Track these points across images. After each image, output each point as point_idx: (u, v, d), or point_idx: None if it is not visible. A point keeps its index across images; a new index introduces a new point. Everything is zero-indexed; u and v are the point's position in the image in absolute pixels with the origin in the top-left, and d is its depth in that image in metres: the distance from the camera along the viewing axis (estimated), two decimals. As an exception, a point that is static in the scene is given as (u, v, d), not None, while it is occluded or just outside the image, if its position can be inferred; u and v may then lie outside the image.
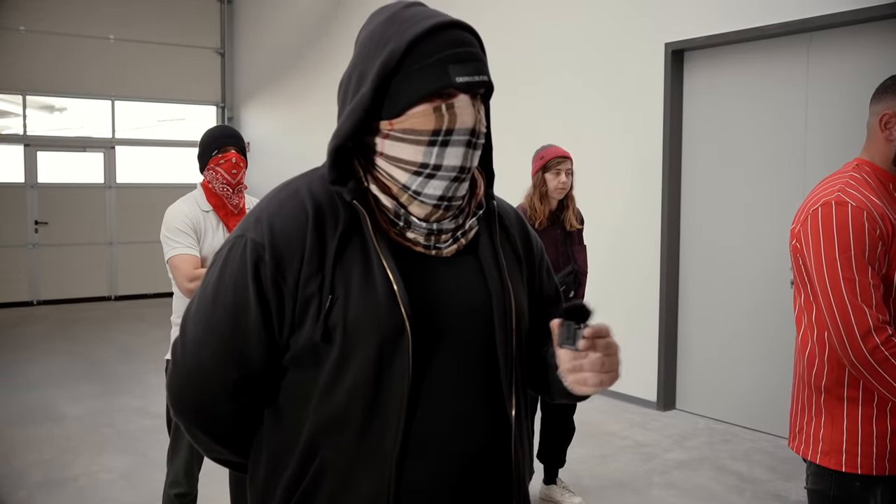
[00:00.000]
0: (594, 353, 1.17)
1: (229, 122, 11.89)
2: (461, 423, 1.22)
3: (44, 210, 10.59)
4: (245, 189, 3.14)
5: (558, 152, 3.84)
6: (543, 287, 1.45)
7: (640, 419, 5.39)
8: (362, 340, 1.17)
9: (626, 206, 5.72)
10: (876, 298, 1.83)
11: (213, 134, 3.10)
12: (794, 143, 4.83)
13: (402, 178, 1.22)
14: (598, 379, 1.18)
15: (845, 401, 1.93)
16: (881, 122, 1.97)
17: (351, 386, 1.18)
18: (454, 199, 1.24)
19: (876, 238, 1.85)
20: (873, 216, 1.85)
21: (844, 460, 1.92)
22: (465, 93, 1.19)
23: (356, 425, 1.18)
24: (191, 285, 2.86)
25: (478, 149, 1.24)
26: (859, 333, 1.81)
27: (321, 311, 1.18)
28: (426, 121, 1.18)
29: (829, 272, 1.87)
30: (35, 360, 7.27)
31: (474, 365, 1.25)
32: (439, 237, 1.25)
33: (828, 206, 1.90)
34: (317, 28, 9.52)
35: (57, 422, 5.35)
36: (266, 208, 1.24)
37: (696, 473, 4.40)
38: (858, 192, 1.90)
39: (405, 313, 1.17)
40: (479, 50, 1.22)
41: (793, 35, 4.77)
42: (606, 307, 5.61)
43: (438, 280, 1.24)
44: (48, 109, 10.98)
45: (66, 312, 10.00)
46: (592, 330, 1.15)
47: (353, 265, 1.19)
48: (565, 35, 6.14)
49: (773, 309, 4.93)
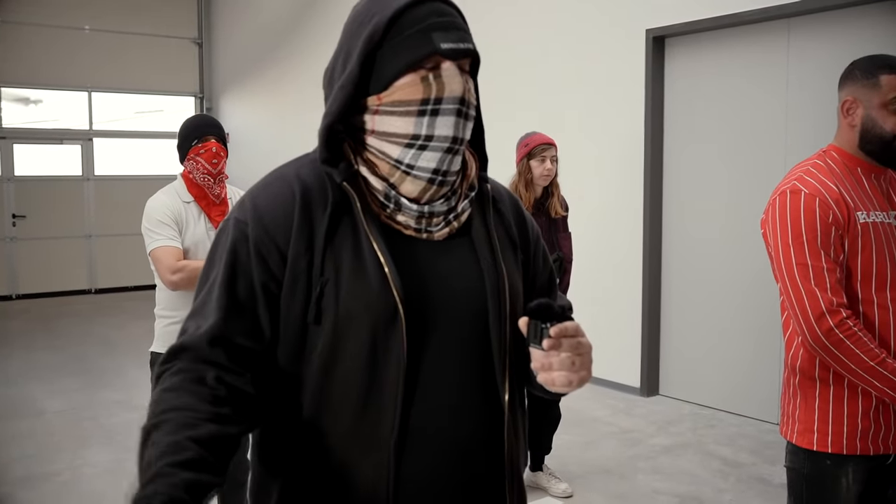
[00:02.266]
0: (563, 353, 1.14)
1: (208, 112, 11.78)
2: (456, 408, 1.22)
3: (21, 203, 10.46)
4: (227, 178, 3.11)
5: (543, 139, 3.84)
6: (538, 273, 1.43)
7: (624, 405, 5.41)
8: (355, 324, 1.16)
9: (609, 193, 5.72)
10: (830, 282, 1.88)
11: (193, 123, 3.06)
12: (775, 127, 4.85)
13: (395, 152, 1.21)
14: (568, 379, 1.14)
15: (817, 381, 1.98)
16: (843, 109, 2.03)
17: (345, 371, 1.17)
18: (448, 173, 1.22)
19: (828, 224, 1.90)
20: (826, 202, 1.90)
21: (816, 439, 1.97)
22: (451, 59, 1.19)
23: (352, 412, 1.17)
24: (174, 277, 2.83)
25: (469, 119, 1.23)
26: (813, 316, 1.87)
27: (311, 292, 1.17)
28: (414, 90, 1.17)
29: (785, 258, 1.94)
30: (15, 355, 7.20)
31: (468, 349, 1.24)
32: (431, 220, 1.24)
33: (784, 195, 1.97)
34: (295, 17, 9.45)
35: (39, 416, 5.30)
36: (252, 191, 1.25)
37: (680, 458, 4.43)
38: (815, 178, 1.96)
39: (398, 297, 1.16)
40: (461, 20, 1.22)
41: (772, 21, 4.79)
42: (590, 294, 5.65)
43: (430, 264, 1.23)
44: (23, 102, 10.84)
45: (45, 306, 9.91)
46: (558, 329, 1.13)
47: (342, 248, 1.18)
48: (546, 22, 6.12)
49: (756, 294, 4.96)
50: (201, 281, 1.24)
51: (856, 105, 1.99)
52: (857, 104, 1.99)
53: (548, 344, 1.13)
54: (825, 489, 1.97)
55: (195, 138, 3.00)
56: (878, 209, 1.98)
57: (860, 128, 1.99)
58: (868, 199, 1.98)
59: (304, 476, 1.20)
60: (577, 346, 1.15)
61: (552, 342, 1.13)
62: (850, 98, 2.00)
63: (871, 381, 1.85)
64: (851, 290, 1.94)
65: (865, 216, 1.94)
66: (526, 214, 1.43)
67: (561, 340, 1.14)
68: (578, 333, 1.16)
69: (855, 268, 1.94)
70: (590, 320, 5.82)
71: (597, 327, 5.71)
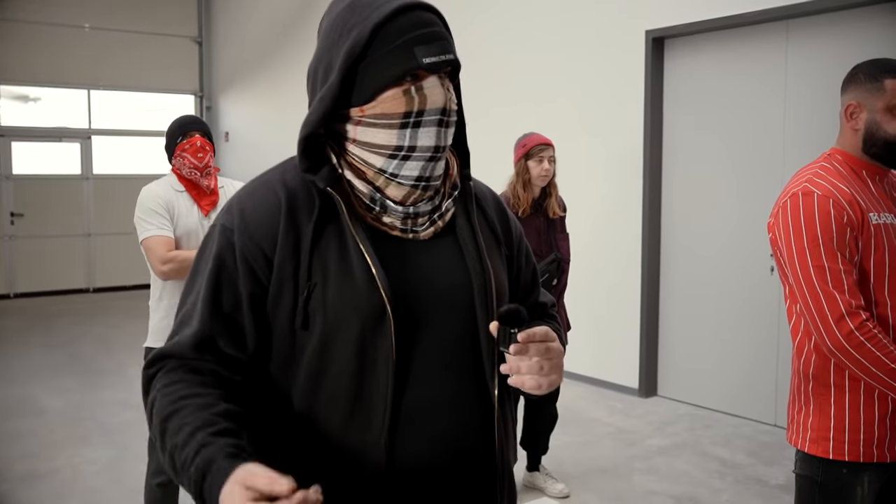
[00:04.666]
0: (533, 358, 1.16)
1: (207, 111, 11.78)
2: (446, 405, 1.23)
3: (20, 202, 10.45)
4: (218, 171, 3.17)
5: (541, 139, 3.84)
6: (522, 272, 1.45)
7: (621, 406, 5.42)
8: (343, 325, 1.17)
9: (608, 194, 5.73)
10: (847, 284, 1.86)
11: (177, 122, 3.14)
12: (773, 129, 4.86)
13: (378, 162, 1.22)
14: (536, 382, 1.16)
15: (832, 388, 1.95)
16: (847, 113, 2.01)
17: (335, 374, 1.18)
18: (431, 178, 1.24)
19: (843, 225, 1.88)
20: (840, 203, 1.89)
21: (832, 447, 1.94)
22: (433, 73, 1.19)
23: (343, 413, 1.19)
24: (164, 267, 2.87)
25: (450, 126, 1.24)
26: (832, 319, 1.84)
27: (298, 297, 1.18)
28: (397, 104, 1.18)
29: (800, 261, 1.91)
30: (14, 354, 7.20)
31: (457, 346, 1.25)
32: (416, 220, 1.25)
33: (795, 197, 1.94)
34: (295, 16, 9.44)
35: (38, 415, 5.30)
36: (237, 196, 1.26)
37: (677, 459, 4.44)
38: (826, 180, 1.94)
39: (385, 296, 1.17)
40: (443, 29, 1.22)
41: (772, 22, 4.80)
42: (588, 295, 5.67)
43: (417, 263, 1.25)
44: (22, 99, 10.83)
45: (44, 305, 9.90)
46: (526, 335, 1.15)
47: (329, 251, 1.19)
48: (545, 23, 6.13)
49: (755, 295, 4.97)
50: (187, 288, 1.25)
51: (860, 109, 1.98)
52: (861, 108, 1.98)
53: (515, 349, 1.16)
54: (840, 497, 1.95)
55: (180, 135, 3.07)
56: (885, 211, 1.97)
57: (864, 131, 1.98)
58: (876, 201, 1.98)
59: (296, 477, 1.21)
60: (546, 351, 1.17)
61: (519, 347, 1.15)
62: (853, 102, 1.99)
63: (891, 384, 1.83)
64: (866, 293, 1.92)
65: (877, 217, 1.94)
66: (509, 213, 1.45)
67: (528, 345, 1.16)
68: (547, 338, 1.18)
69: (868, 270, 1.92)
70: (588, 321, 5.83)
71: (595, 328, 5.76)
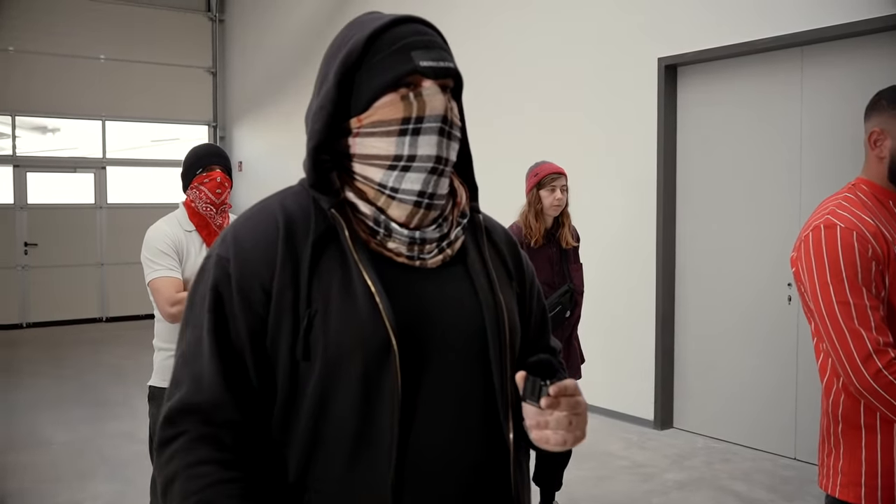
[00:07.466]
0: (560, 412, 1.10)
1: (221, 141, 11.84)
2: (457, 446, 1.15)
3: (34, 231, 10.50)
4: (230, 209, 3.08)
5: (553, 168, 3.79)
6: (533, 313, 1.37)
7: (637, 438, 5.31)
8: (345, 359, 1.10)
9: (622, 222, 5.67)
10: (874, 320, 1.76)
11: (199, 152, 3.04)
12: (789, 156, 4.79)
13: (378, 175, 1.17)
14: (563, 438, 1.11)
15: (863, 429, 1.85)
16: (871, 140, 1.94)
17: (338, 410, 1.10)
18: (434, 196, 1.18)
19: (868, 259, 1.79)
20: (864, 236, 1.80)
21: (864, 494, 1.84)
22: (431, 78, 1.15)
23: (347, 452, 1.11)
24: (172, 310, 2.78)
25: (453, 139, 1.19)
26: (859, 358, 1.74)
27: (298, 326, 1.11)
28: (394, 110, 1.14)
29: (824, 297, 1.81)
30: (23, 385, 7.15)
31: (468, 384, 1.17)
32: (423, 247, 1.18)
33: (818, 230, 1.86)
34: (308, 46, 9.50)
35: (43, 448, 5.24)
36: (233, 224, 1.21)
37: (695, 494, 4.32)
38: (850, 212, 1.85)
39: (390, 328, 1.10)
40: (442, 41, 1.20)
41: (786, 49, 4.75)
42: (602, 325, 5.58)
43: (424, 292, 1.17)
44: (39, 130, 10.93)
45: (55, 335, 9.89)
46: (557, 388, 1.09)
47: (331, 277, 1.12)
48: (558, 51, 6.11)
49: (771, 325, 4.87)
50: (186, 318, 1.19)
51: (883, 136, 1.91)
52: (885, 135, 1.90)
53: (546, 402, 1.09)
54: None
55: (200, 167, 2.98)
56: None
57: (889, 159, 1.90)
58: None
59: None
60: (575, 406, 1.12)
61: (550, 401, 1.09)
62: (877, 129, 1.92)
63: None
64: (893, 329, 1.82)
65: None
66: (521, 251, 1.39)
67: (560, 399, 1.10)
68: (577, 392, 1.12)
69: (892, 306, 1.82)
70: (602, 352, 5.74)
71: (610, 359, 5.66)
